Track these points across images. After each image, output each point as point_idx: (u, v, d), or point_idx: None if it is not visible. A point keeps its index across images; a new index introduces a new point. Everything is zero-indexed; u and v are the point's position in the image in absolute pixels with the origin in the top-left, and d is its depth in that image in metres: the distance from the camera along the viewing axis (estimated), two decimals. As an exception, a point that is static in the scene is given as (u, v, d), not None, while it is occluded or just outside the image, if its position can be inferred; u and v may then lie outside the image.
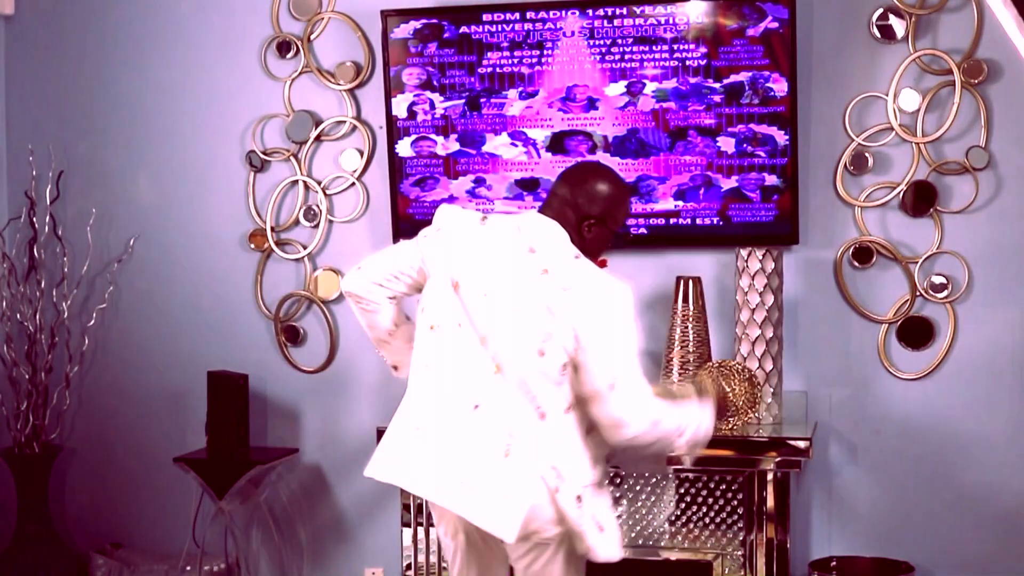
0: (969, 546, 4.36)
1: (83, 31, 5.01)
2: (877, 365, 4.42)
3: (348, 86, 4.76)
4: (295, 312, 4.87)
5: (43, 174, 4.98)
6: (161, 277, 4.99)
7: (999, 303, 4.34)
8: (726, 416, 3.77)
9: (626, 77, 4.42)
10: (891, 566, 4.28)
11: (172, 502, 4.95)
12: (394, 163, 4.64)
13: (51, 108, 5.06)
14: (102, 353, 5.05)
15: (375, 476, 3.09)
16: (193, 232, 4.96)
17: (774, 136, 4.32)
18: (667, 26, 4.36)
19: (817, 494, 4.46)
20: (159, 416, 5.01)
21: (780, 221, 4.35)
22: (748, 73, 4.31)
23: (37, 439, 4.88)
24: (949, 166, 4.34)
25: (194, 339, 4.96)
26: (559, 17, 4.44)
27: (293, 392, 4.89)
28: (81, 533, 5.08)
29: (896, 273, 4.41)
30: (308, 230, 4.86)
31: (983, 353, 4.35)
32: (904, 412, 4.40)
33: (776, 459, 4.06)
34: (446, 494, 2.97)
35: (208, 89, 4.92)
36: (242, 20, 4.87)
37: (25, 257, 4.97)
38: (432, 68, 4.57)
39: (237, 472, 4.62)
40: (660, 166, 4.44)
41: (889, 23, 4.35)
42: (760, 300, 4.24)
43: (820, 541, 4.45)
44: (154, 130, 4.97)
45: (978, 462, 4.35)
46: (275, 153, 4.86)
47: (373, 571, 4.81)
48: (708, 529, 4.16)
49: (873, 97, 4.38)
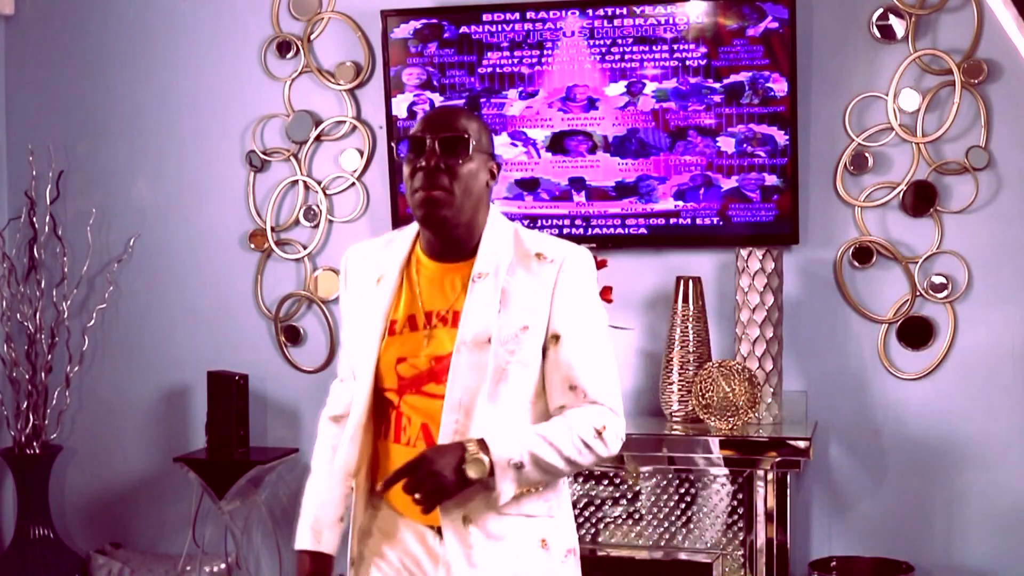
0: (969, 546, 4.36)
1: (83, 31, 5.02)
2: (877, 365, 4.42)
3: (348, 86, 4.76)
4: (295, 312, 4.87)
5: (43, 174, 4.98)
6: (161, 277, 4.99)
7: (999, 303, 4.34)
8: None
9: (626, 77, 4.42)
10: (891, 566, 4.27)
11: (172, 502, 4.95)
12: (394, 163, 4.64)
13: (51, 108, 5.06)
14: (102, 353, 5.05)
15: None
16: (193, 232, 4.96)
17: (774, 136, 4.32)
18: (667, 26, 4.36)
19: (817, 494, 4.45)
20: (159, 416, 5.01)
21: (780, 221, 4.35)
22: (748, 73, 4.31)
23: (37, 439, 4.88)
24: (949, 166, 4.34)
25: (194, 339, 4.96)
26: (559, 17, 4.44)
27: (293, 392, 4.89)
28: (81, 533, 5.08)
29: (896, 273, 4.41)
30: (308, 230, 4.86)
31: (983, 353, 4.35)
32: (904, 412, 4.40)
33: (776, 459, 4.06)
34: None
35: (208, 89, 4.92)
36: (242, 20, 4.87)
37: (25, 257, 4.97)
38: (432, 68, 4.57)
39: (237, 472, 4.62)
40: (660, 166, 4.44)
41: (889, 23, 4.35)
42: (760, 300, 4.24)
43: (820, 541, 4.45)
44: (154, 130, 4.97)
45: (978, 462, 4.35)
46: (275, 153, 4.86)
47: (373, 571, 4.80)
48: (708, 529, 4.16)
49: (873, 97, 4.38)
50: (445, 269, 2.51)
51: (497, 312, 2.42)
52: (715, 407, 4.16)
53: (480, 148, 2.49)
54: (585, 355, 2.45)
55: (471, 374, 2.42)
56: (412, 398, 2.48)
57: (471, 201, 2.47)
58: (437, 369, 2.45)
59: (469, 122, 2.50)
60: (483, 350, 2.41)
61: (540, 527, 2.48)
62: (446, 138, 2.46)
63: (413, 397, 2.48)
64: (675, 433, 4.17)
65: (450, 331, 2.45)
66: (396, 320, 2.51)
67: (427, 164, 2.45)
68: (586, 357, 2.45)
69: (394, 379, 2.49)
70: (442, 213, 2.45)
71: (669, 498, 4.18)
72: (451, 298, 2.49)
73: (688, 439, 4.13)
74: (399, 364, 2.49)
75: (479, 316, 2.43)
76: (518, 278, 2.46)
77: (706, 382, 4.17)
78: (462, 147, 2.46)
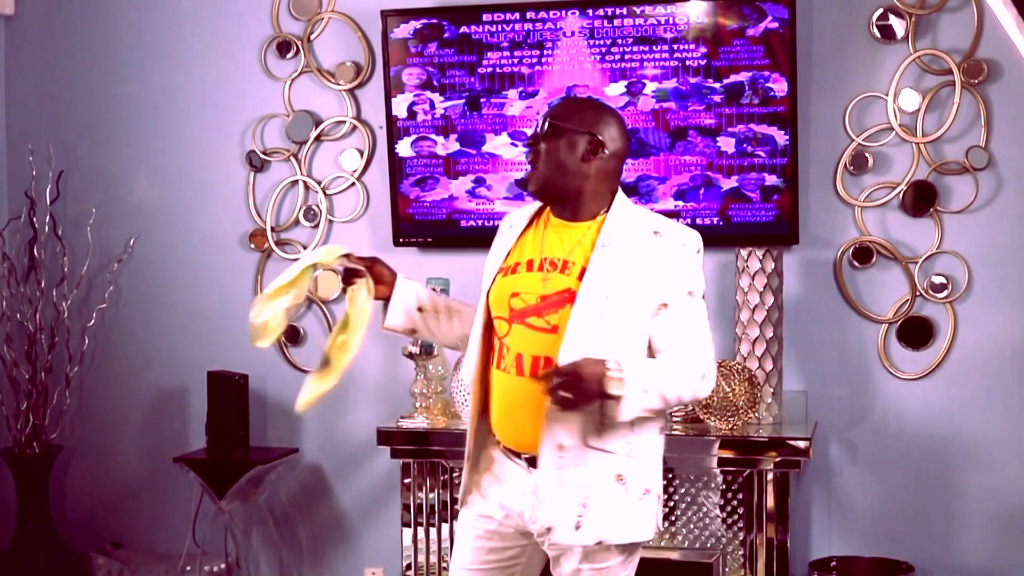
0: (969, 546, 4.36)
1: (83, 31, 5.02)
2: (877, 365, 4.42)
3: (348, 86, 4.76)
4: (295, 312, 4.86)
5: (43, 174, 4.98)
6: (161, 277, 4.99)
7: (999, 303, 4.34)
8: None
9: (626, 77, 4.42)
10: (891, 566, 4.27)
11: (172, 502, 4.95)
12: (394, 163, 4.64)
13: (51, 108, 5.06)
14: (102, 353, 5.05)
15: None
16: (193, 232, 4.96)
17: (774, 136, 4.32)
18: (667, 26, 4.36)
19: (817, 494, 4.46)
20: (159, 416, 5.01)
21: (780, 221, 4.35)
22: (748, 73, 4.31)
23: (37, 439, 4.88)
24: (949, 166, 4.34)
25: (194, 339, 4.96)
26: (559, 17, 4.44)
27: (293, 392, 4.78)
28: (81, 533, 5.08)
29: (896, 273, 4.41)
30: (308, 230, 4.86)
31: (983, 353, 4.35)
32: (904, 412, 4.40)
33: (776, 459, 4.06)
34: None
35: (208, 89, 4.92)
36: (242, 20, 4.87)
37: (25, 257, 4.97)
38: (432, 68, 4.57)
39: (237, 472, 4.62)
40: (660, 166, 4.44)
41: (889, 23, 4.35)
42: (760, 300, 4.24)
43: (820, 541, 4.45)
44: (154, 130, 4.98)
45: (978, 462, 4.35)
46: (275, 153, 4.86)
47: (373, 571, 4.81)
48: (708, 529, 4.16)
49: (873, 97, 4.38)
50: (564, 226, 2.92)
51: (615, 277, 2.81)
52: (715, 407, 4.16)
53: (568, 128, 2.88)
54: (686, 322, 2.83)
55: (589, 327, 2.79)
56: (518, 328, 2.88)
57: (563, 173, 2.88)
58: (542, 306, 2.85)
59: (560, 107, 2.97)
60: (600, 307, 2.80)
61: (617, 463, 2.84)
62: (538, 124, 2.94)
63: (519, 327, 2.88)
64: (675, 433, 4.17)
65: (561, 277, 2.86)
66: (520, 262, 2.93)
67: (527, 149, 2.97)
68: (687, 323, 2.83)
69: (506, 309, 2.90)
70: (530, 188, 2.94)
71: (670, 498, 4.18)
72: (567, 249, 2.89)
73: (688, 439, 4.13)
74: (512, 298, 2.89)
75: (600, 278, 2.81)
76: (636, 250, 2.84)
77: (706, 382, 4.17)
78: (547, 130, 2.90)
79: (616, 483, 2.84)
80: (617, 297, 2.80)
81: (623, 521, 2.87)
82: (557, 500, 2.83)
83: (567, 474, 2.82)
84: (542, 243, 2.92)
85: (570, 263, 2.86)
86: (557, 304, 2.83)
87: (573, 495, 2.83)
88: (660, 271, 2.83)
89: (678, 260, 2.84)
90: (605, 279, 2.81)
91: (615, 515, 2.85)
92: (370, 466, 4.77)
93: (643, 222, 2.89)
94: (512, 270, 2.93)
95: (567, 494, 2.83)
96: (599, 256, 2.83)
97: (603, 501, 2.84)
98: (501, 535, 2.99)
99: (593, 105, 3.08)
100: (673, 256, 2.84)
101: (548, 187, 2.90)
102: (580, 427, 2.80)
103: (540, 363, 2.83)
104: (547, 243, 2.92)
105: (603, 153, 2.88)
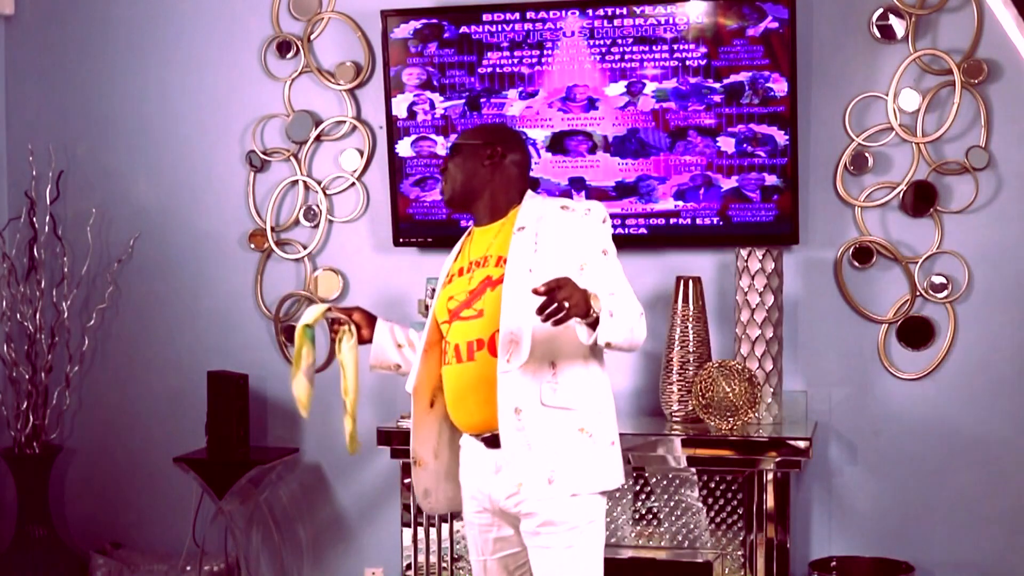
0: (969, 546, 4.36)
1: (83, 31, 5.02)
2: (877, 365, 4.42)
3: (348, 86, 4.76)
4: (295, 312, 4.86)
5: (43, 174, 4.98)
6: (161, 277, 4.99)
7: (999, 303, 4.34)
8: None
9: (626, 77, 4.42)
10: (891, 566, 4.27)
11: (172, 502, 4.95)
12: (394, 163, 4.65)
13: (51, 108, 5.06)
14: (102, 353, 5.05)
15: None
16: (193, 232, 4.96)
17: (774, 136, 4.32)
18: (667, 26, 4.36)
19: (817, 494, 4.46)
20: (159, 416, 5.01)
21: (780, 221, 4.35)
22: (748, 73, 4.31)
23: (37, 439, 4.88)
24: (949, 166, 4.34)
25: (194, 339, 4.96)
26: (559, 17, 4.44)
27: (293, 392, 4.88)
28: (81, 533, 5.08)
29: (896, 273, 4.41)
30: (308, 230, 4.86)
31: (983, 353, 4.35)
32: (904, 412, 4.40)
33: (776, 459, 4.06)
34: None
35: (208, 89, 4.92)
36: (242, 20, 4.87)
37: (25, 257, 4.97)
38: (432, 68, 4.57)
39: (237, 472, 4.62)
40: (660, 166, 4.44)
41: (889, 23, 4.35)
42: (760, 300, 4.24)
43: (820, 541, 4.45)
44: (154, 130, 4.98)
45: (978, 462, 4.35)
46: (275, 153, 4.86)
47: (373, 571, 4.81)
48: (708, 529, 4.16)
49: (873, 97, 4.38)
50: (484, 231, 3.22)
51: (534, 251, 3.06)
52: (715, 407, 4.16)
53: (467, 143, 3.23)
54: (608, 275, 3.06)
55: (519, 300, 3.01)
56: (456, 324, 3.15)
57: (469, 178, 3.20)
58: (470, 299, 3.14)
59: (462, 133, 3.32)
60: (527, 280, 3.01)
61: (578, 418, 3.05)
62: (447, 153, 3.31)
63: (456, 323, 3.15)
64: (675, 433, 4.17)
65: (481, 270, 3.14)
66: (453, 273, 3.24)
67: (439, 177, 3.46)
68: (609, 277, 3.05)
69: (445, 313, 3.19)
70: (444, 200, 3.30)
71: (669, 498, 4.18)
72: (487, 247, 3.17)
73: (688, 439, 4.13)
74: (448, 301, 3.19)
75: (521, 255, 3.07)
76: (549, 225, 3.10)
77: (706, 382, 4.17)
78: (450, 153, 3.27)
79: (580, 435, 3.04)
80: (539, 268, 3.02)
81: (593, 471, 3.06)
82: (525, 460, 3.02)
83: (531, 435, 3.02)
84: (469, 251, 3.23)
85: (489, 256, 3.14)
86: (479, 292, 3.12)
87: (541, 454, 3.02)
88: (573, 237, 3.07)
89: (587, 225, 3.09)
90: (526, 255, 3.07)
91: (585, 466, 3.04)
92: (370, 466, 4.77)
93: (551, 203, 3.17)
94: (448, 281, 3.23)
95: (534, 455, 3.02)
96: (517, 238, 3.10)
97: (572, 454, 3.03)
98: (499, 523, 3.18)
99: (492, 125, 3.43)
100: (582, 222, 3.09)
101: (456, 195, 3.23)
102: (533, 389, 3.02)
103: (474, 346, 3.09)
104: (472, 249, 3.22)
105: (500, 158, 3.19)
